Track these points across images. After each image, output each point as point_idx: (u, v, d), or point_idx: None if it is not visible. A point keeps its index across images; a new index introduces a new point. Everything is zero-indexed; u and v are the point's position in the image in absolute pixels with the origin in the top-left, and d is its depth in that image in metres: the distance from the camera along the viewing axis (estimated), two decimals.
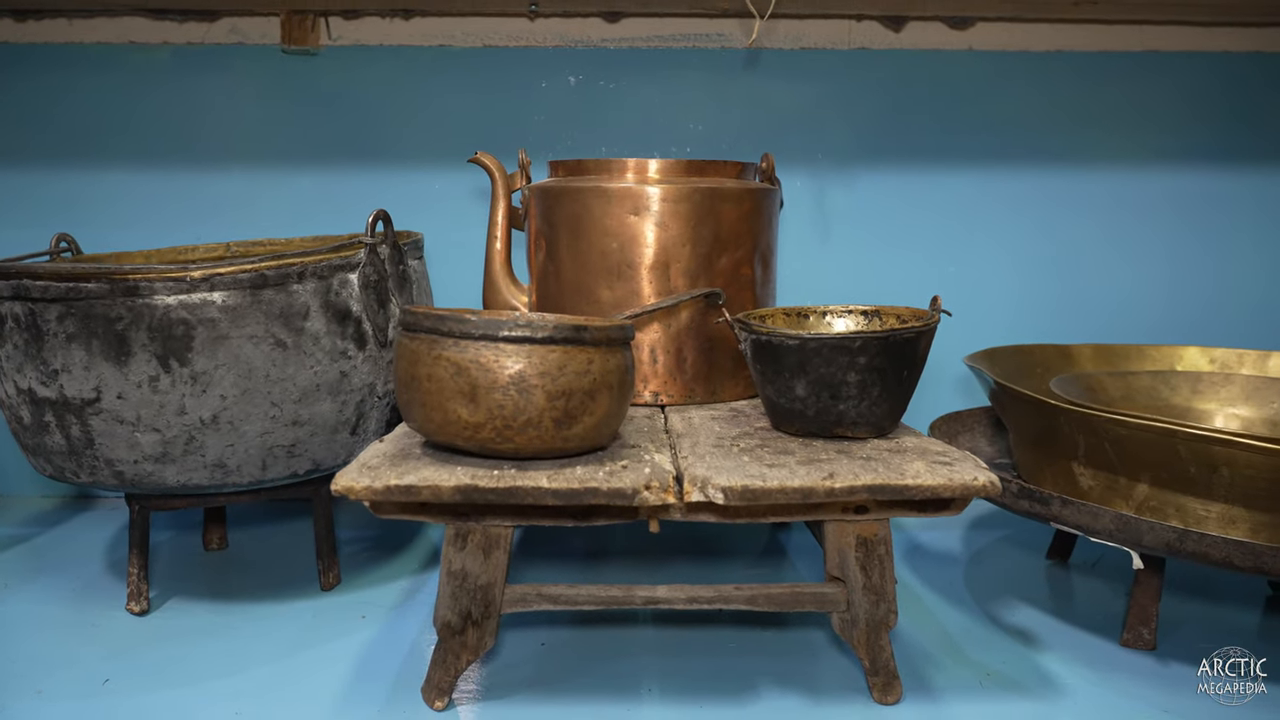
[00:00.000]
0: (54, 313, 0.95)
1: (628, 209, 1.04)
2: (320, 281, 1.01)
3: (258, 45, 1.39)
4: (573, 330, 0.80)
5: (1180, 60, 1.42)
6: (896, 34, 1.41)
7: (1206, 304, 1.47)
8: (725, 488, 0.78)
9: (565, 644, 0.99)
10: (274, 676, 0.92)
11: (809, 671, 0.93)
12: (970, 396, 1.46)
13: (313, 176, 1.42)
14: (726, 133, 1.42)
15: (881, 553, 0.86)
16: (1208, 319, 1.46)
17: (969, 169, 1.44)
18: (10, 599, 1.10)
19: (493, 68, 1.40)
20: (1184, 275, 1.46)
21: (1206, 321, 1.46)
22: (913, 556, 1.25)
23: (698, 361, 1.07)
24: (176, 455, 0.99)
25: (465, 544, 0.84)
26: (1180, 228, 1.45)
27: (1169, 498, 0.95)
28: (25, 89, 1.39)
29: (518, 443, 0.80)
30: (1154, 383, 1.22)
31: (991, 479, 0.80)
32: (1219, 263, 1.46)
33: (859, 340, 0.87)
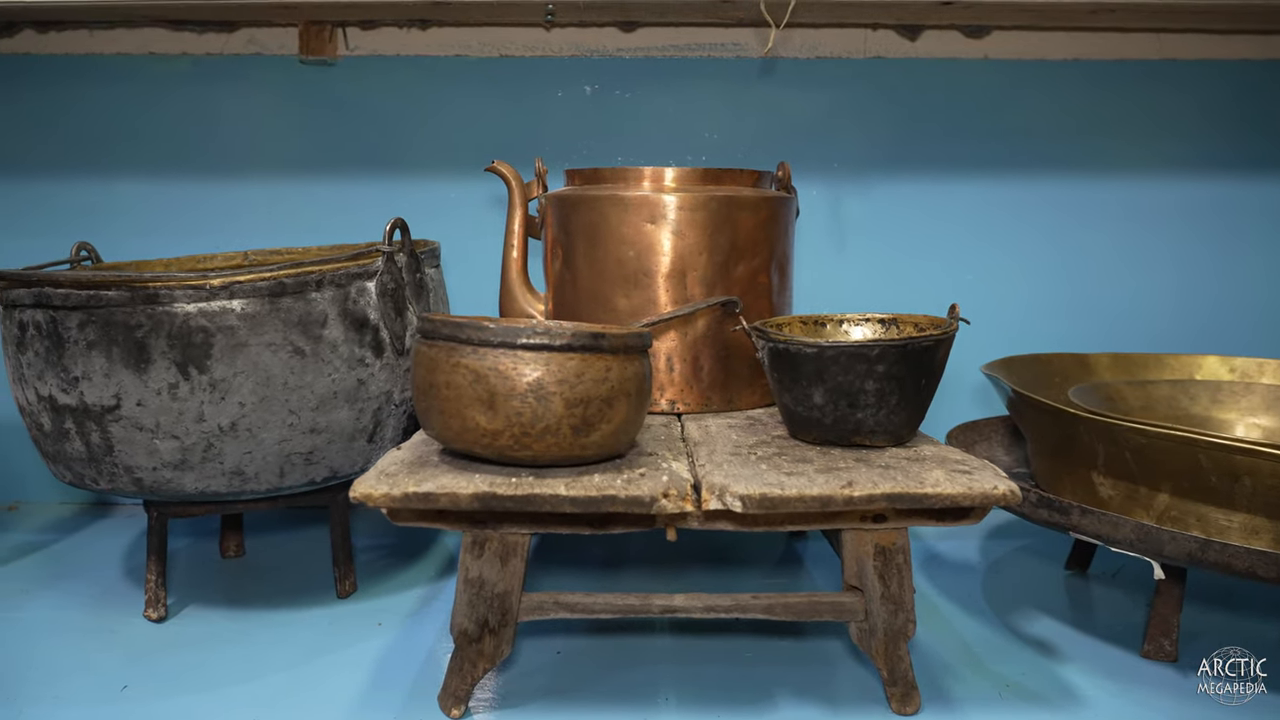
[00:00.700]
0: (75, 320, 0.96)
1: (644, 217, 1.04)
2: (338, 289, 1.02)
3: (276, 56, 1.41)
4: (590, 338, 0.80)
5: (1197, 68, 1.42)
6: (912, 43, 1.41)
7: (1221, 312, 1.45)
8: (743, 496, 0.78)
9: (582, 653, 0.98)
10: (290, 683, 0.93)
11: (826, 681, 0.93)
12: (987, 406, 1.45)
13: (330, 186, 1.42)
14: (742, 142, 1.42)
15: (900, 562, 0.85)
16: (1224, 328, 1.45)
17: (985, 178, 1.43)
18: (29, 605, 1.11)
19: (509, 77, 1.41)
20: (1201, 284, 1.45)
21: (1224, 330, 1.45)
22: (930, 566, 1.24)
23: (714, 370, 1.07)
24: (195, 462, 0.99)
25: (482, 551, 0.84)
26: (1196, 236, 1.44)
27: (1190, 507, 0.94)
28: (46, 99, 1.41)
29: (535, 450, 0.80)
30: (1174, 392, 1.21)
31: (1011, 487, 0.80)
32: (1237, 271, 1.45)
33: (877, 348, 0.87)
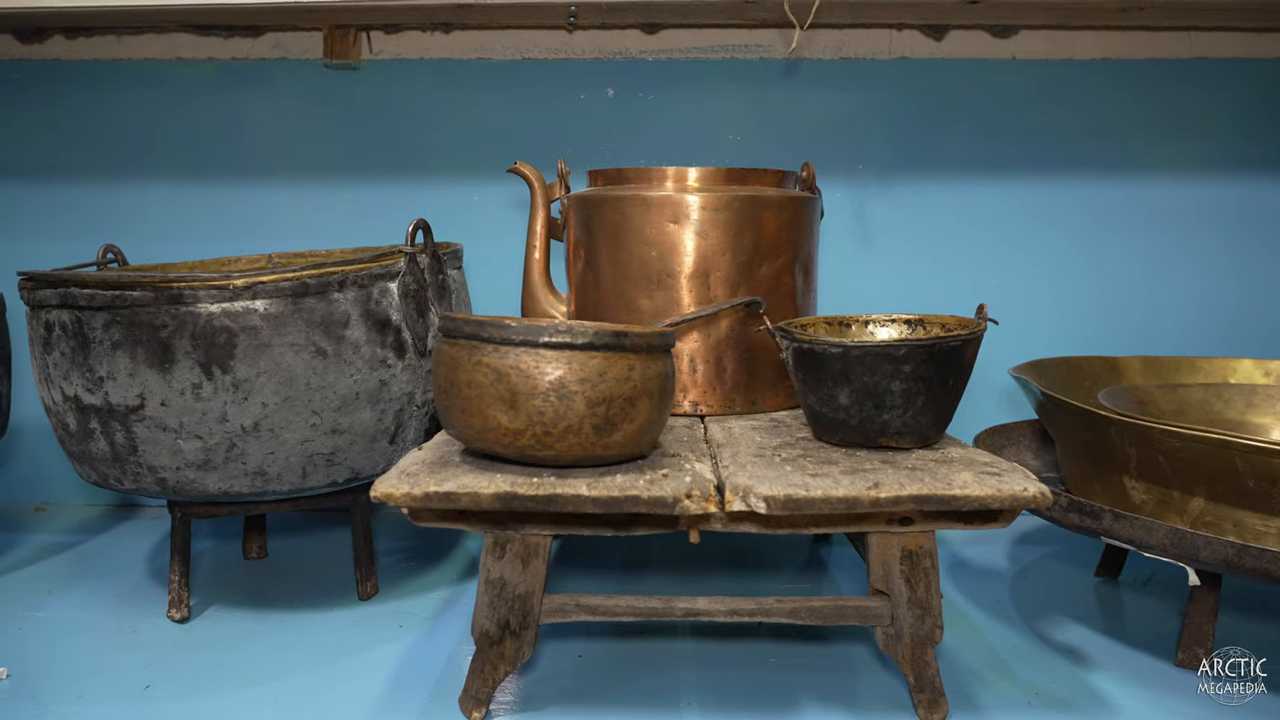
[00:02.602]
0: (100, 320, 0.97)
1: (667, 217, 1.03)
2: (360, 290, 1.02)
3: (300, 60, 1.41)
4: (613, 336, 0.79)
5: (1228, 67, 1.39)
6: (938, 43, 1.39)
7: (1254, 315, 1.42)
8: (768, 497, 0.77)
9: (603, 656, 0.97)
10: (312, 684, 0.92)
11: (851, 687, 0.92)
12: (1014, 410, 1.43)
13: (354, 189, 1.43)
14: (765, 144, 1.41)
15: (927, 565, 0.84)
16: (1257, 331, 1.42)
17: (1011, 180, 1.41)
18: (54, 604, 1.12)
19: (532, 80, 1.41)
20: (1233, 287, 1.42)
21: (1256, 334, 1.42)
22: (956, 572, 1.22)
23: (738, 371, 1.06)
24: (218, 462, 0.99)
25: (504, 553, 0.83)
26: (1226, 238, 1.42)
27: (1226, 512, 0.92)
28: (75, 104, 1.42)
29: (557, 449, 0.79)
30: (1207, 396, 1.19)
31: (1042, 490, 0.78)
32: (1271, 274, 1.42)
33: (904, 348, 0.86)
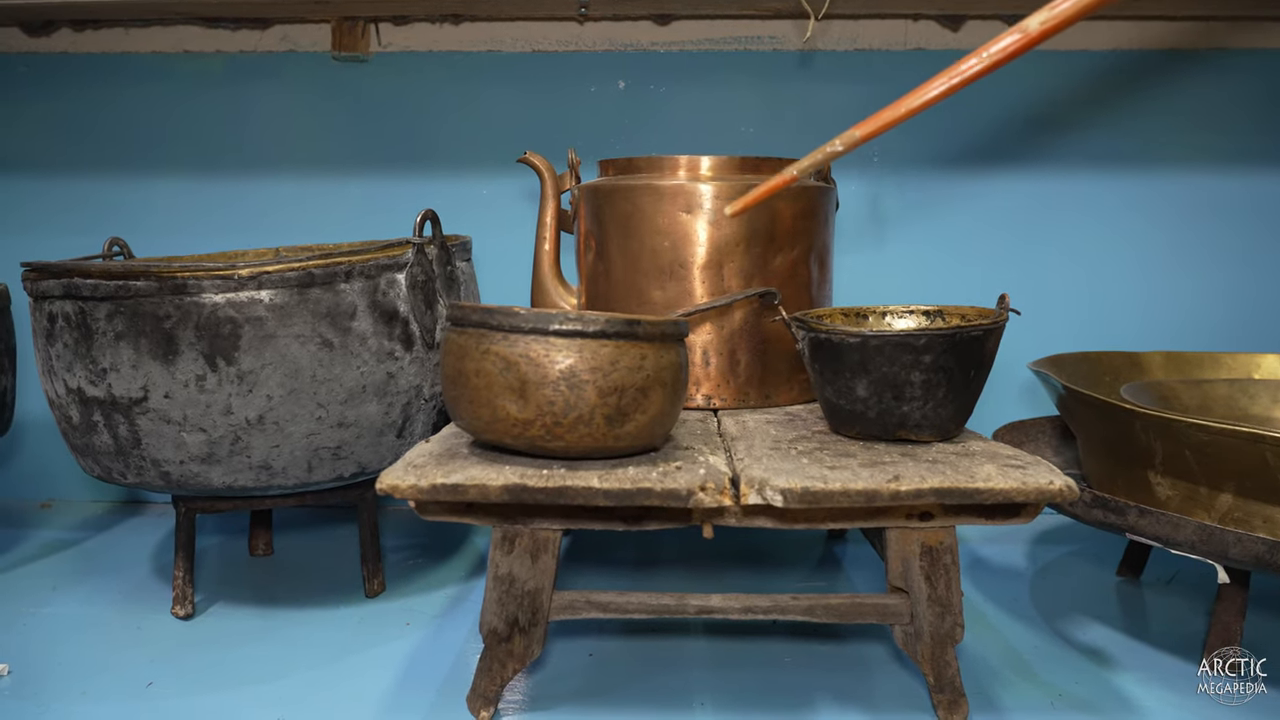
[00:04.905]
0: (103, 311, 0.95)
1: (680, 206, 1.01)
2: (368, 281, 1.00)
3: (309, 52, 1.40)
4: (625, 324, 0.77)
5: (1251, 57, 1.36)
6: (955, 33, 1.37)
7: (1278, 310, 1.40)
8: (784, 489, 0.75)
9: (614, 655, 0.95)
10: (318, 682, 0.91)
11: (869, 687, 0.89)
12: (1034, 405, 1.40)
13: (362, 182, 1.41)
14: (778, 136, 1.39)
15: (947, 562, 0.81)
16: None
17: (1027, 172, 1.39)
18: (58, 601, 1.10)
19: (542, 72, 1.39)
20: (1255, 281, 1.39)
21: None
22: (976, 571, 1.20)
23: (752, 364, 1.04)
24: (222, 456, 0.97)
25: (513, 547, 0.81)
26: (1247, 231, 1.39)
27: (1256, 508, 0.89)
28: (82, 98, 1.41)
29: (568, 440, 0.77)
30: (1231, 391, 1.16)
31: (1068, 483, 0.76)
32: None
33: (924, 338, 0.84)
